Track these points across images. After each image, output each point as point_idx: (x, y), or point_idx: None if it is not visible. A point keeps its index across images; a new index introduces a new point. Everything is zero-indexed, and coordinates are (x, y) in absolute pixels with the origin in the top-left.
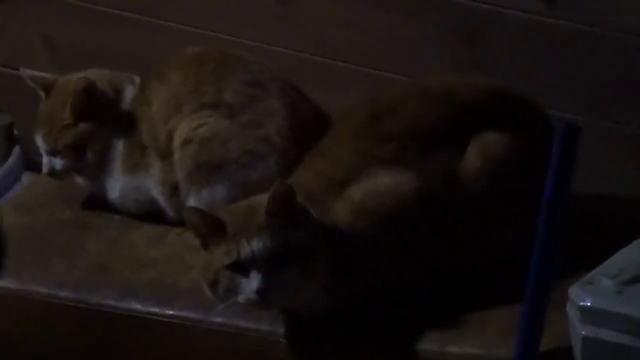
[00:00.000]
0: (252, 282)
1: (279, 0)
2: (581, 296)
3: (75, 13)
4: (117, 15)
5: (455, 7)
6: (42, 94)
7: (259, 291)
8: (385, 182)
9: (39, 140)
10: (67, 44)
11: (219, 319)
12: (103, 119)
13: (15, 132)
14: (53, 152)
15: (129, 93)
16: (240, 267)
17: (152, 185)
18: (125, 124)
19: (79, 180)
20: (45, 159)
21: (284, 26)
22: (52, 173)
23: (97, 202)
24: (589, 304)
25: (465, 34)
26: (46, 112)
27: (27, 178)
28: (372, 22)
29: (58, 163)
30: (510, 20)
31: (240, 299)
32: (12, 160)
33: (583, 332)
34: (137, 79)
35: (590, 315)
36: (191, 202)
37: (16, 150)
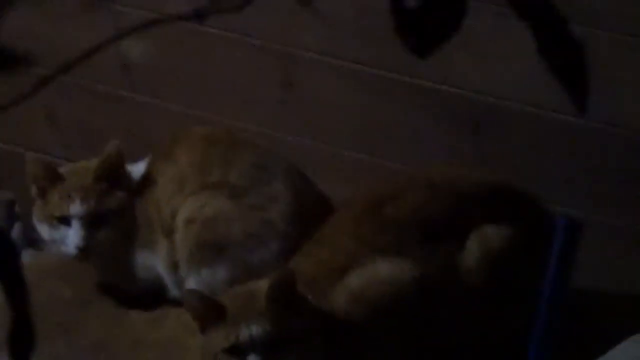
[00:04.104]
0: None
1: (283, 85)
2: None
3: (79, 92)
4: (121, 96)
5: (458, 98)
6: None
7: None
8: (384, 271)
9: (75, 208)
10: (70, 123)
11: None
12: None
13: (17, 209)
14: (92, 219)
15: (139, 171)
16: (239, 351)
17: (158, 262)
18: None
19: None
20: (79, 231)
21: (286, 111)
22: (86, 248)
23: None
24: None
25: (468, 125)
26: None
27: (27, 256)
28: (375, 110)
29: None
30: (513, 113)
31: None
32: (13, 237)
33: None
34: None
35: None
36: (191, 281)
37: (17, 227)
